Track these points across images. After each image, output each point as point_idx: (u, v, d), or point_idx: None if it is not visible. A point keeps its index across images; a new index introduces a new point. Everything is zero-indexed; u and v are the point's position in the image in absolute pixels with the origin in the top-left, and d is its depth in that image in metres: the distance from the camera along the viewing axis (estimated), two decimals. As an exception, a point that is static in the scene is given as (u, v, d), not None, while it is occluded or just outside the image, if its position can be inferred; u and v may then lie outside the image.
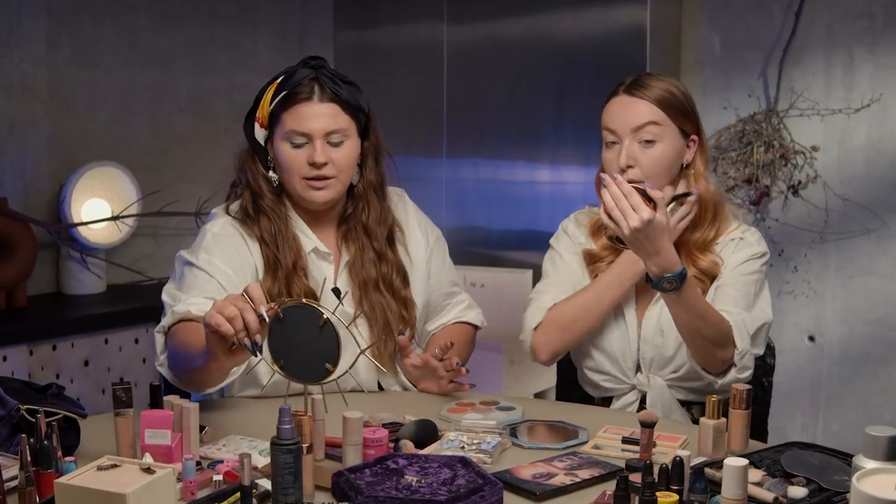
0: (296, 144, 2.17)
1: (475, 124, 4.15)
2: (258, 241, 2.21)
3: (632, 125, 2.18)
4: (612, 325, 2.28)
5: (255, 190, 2.24)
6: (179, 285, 2.16)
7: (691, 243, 2.24)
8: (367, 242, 2.26)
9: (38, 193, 3.80)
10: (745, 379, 2.12)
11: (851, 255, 3.65)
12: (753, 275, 2.23)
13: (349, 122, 2.19)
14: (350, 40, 4.48)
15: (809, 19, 3.61)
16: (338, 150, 2.18)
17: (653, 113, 2.18)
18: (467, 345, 2.47)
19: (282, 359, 1.75)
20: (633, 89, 2.21)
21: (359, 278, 2.24)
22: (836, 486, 1.60)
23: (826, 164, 3.65)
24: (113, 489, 1.42)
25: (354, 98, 2.19)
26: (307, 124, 2.15)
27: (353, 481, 1.58)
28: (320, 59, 2.21)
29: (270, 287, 2.16)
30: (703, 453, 1.79)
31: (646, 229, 1.94)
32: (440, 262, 2.44)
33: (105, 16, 3.94)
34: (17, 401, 1.74)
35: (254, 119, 2.23)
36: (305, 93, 2.16)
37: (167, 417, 1.70)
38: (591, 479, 1.69)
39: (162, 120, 4.14)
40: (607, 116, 2.23)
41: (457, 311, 2.48)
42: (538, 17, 3.92)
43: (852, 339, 3.67)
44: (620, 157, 2.17)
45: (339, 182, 2.20)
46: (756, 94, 3.74)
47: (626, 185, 1.97)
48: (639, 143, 2.18)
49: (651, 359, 2.26)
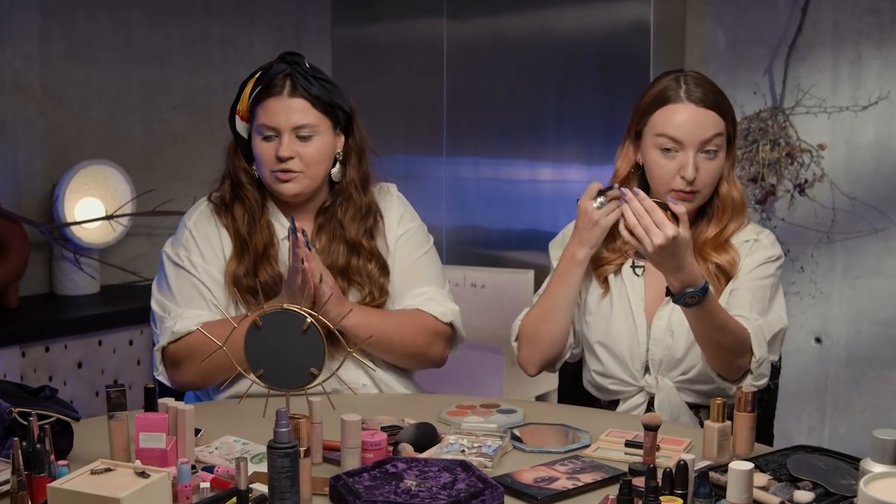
0: (265, 137, 2.25)
1: (475, 122, 4.15)
2: (228, 227, 2.30)
3: (701, 138, 2.14)
4: (621, 326, 2.25)
5: (235, 181, 2.33)
6: (170, 294, 2.28)
7: (707, 241, 2.21)
8: (339, 234, 2.31)
9: (30, 192, 3.81)
10: (761, 386, 2.10)
11: (859, 256, 3.64)
12: (768, 279, 2.22)
13: (319, 117, 2.25)
14: (348, 36, 4.49)
15: (816, 15, 3.60)
16: (306, 146, 2.24)
17: (718, 124, 2.15)
18: (400, 322, 2.31)
19: (261, 367, 1.75)
20: (697, 98, 2.15)
21: (325, 263, 2.25)
22: (843, 490, 1.59)
23: (833, 162, 3.64)
24: (107, 493, 1.43)
25: (328, 95, 2.26)
26: (275, 118, 2.23)
27: (352, 485, 1.57)
28: (297, 56, 2.29)
29: (236, 269, 2.26)
30: (708, 457, 1.78)
31: (670, 246, 1.92)
32: (406, 249, 2.40)
33: (99, 11, 3.95)
34: (9, 404, 1.73)
35: (236, 112, 2.31)
36: (277, 87, 2.24)
37: (162, 420, 1.69)
38: (593, 484, 1.68)
39: (156, 117, 4.15)
40: (669, 125, 2.15)
41: (416, 301, 2.35)
42: (540, 13, 3.92)
43: (859, 341, 3.66)
44: (687, 170, 2.13)
45: (306, 177, 2.26)
46: (762, 92, 3.73)
47: (648, 200, 1.94)
48: (703, 153, 2.15)
49: (660, 360, 2.22)
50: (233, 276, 2.25)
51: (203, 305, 2.25)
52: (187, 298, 2.26)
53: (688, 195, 2.15)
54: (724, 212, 2.23)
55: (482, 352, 3.44)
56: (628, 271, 2.27)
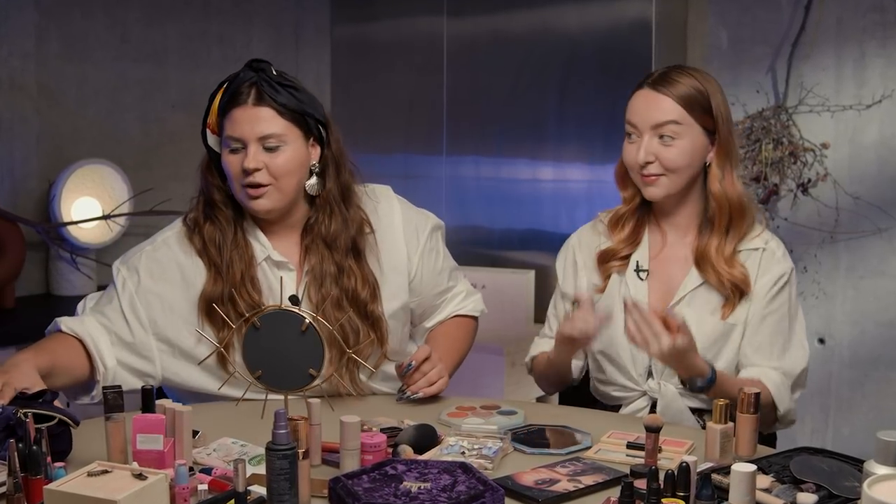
0: (233, 150, 2.14)
1: (476, 121, 4.16)
2: (201, 254, 2.19)
3: (652, 122, 2.17)
4: (621, 332, 2.21)
5: (208, 199, 2.22)
6: (101, 296, 2.23)
7: (716, 251, 2.20)
8: (327, 255, 2.22)
9: (26, 192, 3.80)
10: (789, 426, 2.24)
11: (862, 256, 3.63)
12: (785, 305, 2.21)
13: (287, 127, 2.13)
14: (347, 34, 4.50)
15: (819, 13, 3.60)
16: (273, 156, 2.12)
17: (675, 111, 2.16)
18: (463, 339, 2.47)
19: (260, 368, 1.76)
20: (659, 84, 2.19)
21: (317, 297, 2.19)
22: (846, 492, 1.59)
23: (836, 161, 3.63)
24: (104, 496, 1.42)
25: (296, 103, 2.14)
26: (240, 128, 2.12)
27: (351, 487, 1.56)
28: (264, 63, 2.16)
29: (210, 293, 2.15)
30: (710, 459, 1.77)
31: (670, 353, 1.98)
32: (433, 259, 2.39)
33: (95, 8, 3.94)
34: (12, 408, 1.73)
35: (206, 125, 2.21)
36: (243, 96, 2.13)
37: (159, 422, 1.68)
38: (594, 486, 1.68)
39: (154, 116, 4.15)
40: (630, 110, 2.22)
41: (453, 305, 2.47)
42: (541, 11, 3.93)
43: (863, 342, 3.65)
44: (639, 152, 2.18)
45: (276, 190, 2.14)
46: (764, 90, 3.73)
47: (646, 313, 1.99)
48: (658, 139, 2.17)
49: (663, 366, 2.21)
50: (206, 303, 2.14)
51: (106, 324, 2.17)
52: (102, 306, 2.18)
53: (650, 178, 2.17)
54: (721, 214, 2.20)
55: (483, 353, 3.44)
56: (632, 275, 2.26)
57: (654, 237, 2.28)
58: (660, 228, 2.28)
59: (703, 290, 2.20)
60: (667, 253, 2.26)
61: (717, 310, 2.19)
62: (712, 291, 2.19)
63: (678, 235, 2.26)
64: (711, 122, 2.19)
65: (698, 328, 2.14)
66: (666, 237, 2.27)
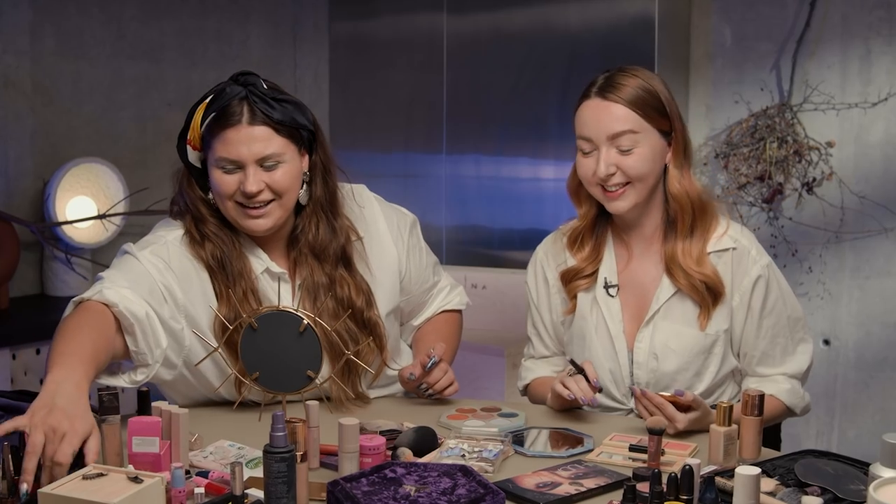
0: (227, 170, 2.04)
1: (476, 119, 4.16)
2: (206, 268, 2.10)
3: (607, 132, 2.10)
4: (599, 352, 2.22)
5: (196, 215, 2.13)
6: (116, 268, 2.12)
7: (684, 253, 2.15)
8: (317, 266, 2.16)
9: (21, 191, 3.81)
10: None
11: (868, 256, 3.62)
12: (776, 305, 2.19)
13: (285, 144, 2.05)
14: (346, 31, 4.51)
15: (824, 9, 3.59)
16: (272, 174, 2.04)
17: (629, 119, 2.10)
18: (455, 334, 2.47)
19: (257, 370, 1.77)
20: (606, 91, 2.12)
21: (312, 309, 2.12)
22: (852, 495, 1.59)
23: (842, 160, 3.62)
24: (99, 499, 1.43)
25: (290, 117, 2.06)
26: (236, 151, 2.02)
27: (349, 491, 1.56)
28: (252, 76, 2.07)
29: (227, 316, 2.04)
30: (714, 462, 1.77)
31: (689, 427, 1.97)
32: (417, 255, 2.37)
33: (91, 5, 3.95)
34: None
35: (186, 141, 2.12)
36: (235, 115, 2.02)
37: (155, 424, 1.68)
38: (596, 489, 1.68)
39: (150, 114, 4.16)
40: (580, 122, 2.14)
41: (439, 300, 2.46)
42: (542, 8, 3.93)
43: (869, 343, 3.64)
44: (599, 165, 2.10)
45: (279, 206, 2.07)
46: (769, 88, 3.71)
47: (656, 397, 1.96)
48: (616, 149, 2.10)
49: (647, 383, 2.18)
50: (222, 326, 2.03)
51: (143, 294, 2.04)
52: (131, 280, 2.04)
53: (615, 193, 2.11)
54: (684, 214, 2.16)
55: (483, 354, 3.44)
56: (601, 292, 2.22)
57: (620, 250, 2.24)
58: (623, 241, 2.23)
59: (677, 301, 2.15)
60: (634, 265, 2.21)
61: (694, 320, 2.15)
62: (686, 301, 2.15)
63: (644, 246, 2.21)
64: (667, 124, 2.14)
65: (678, 341, 2.13)
66: (632, 249, 2.22)
